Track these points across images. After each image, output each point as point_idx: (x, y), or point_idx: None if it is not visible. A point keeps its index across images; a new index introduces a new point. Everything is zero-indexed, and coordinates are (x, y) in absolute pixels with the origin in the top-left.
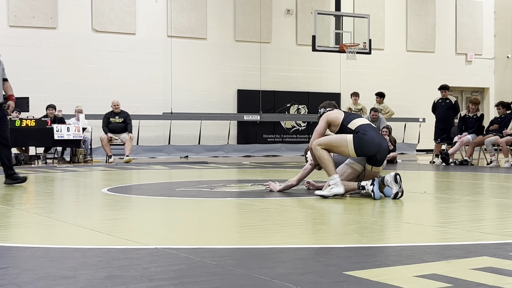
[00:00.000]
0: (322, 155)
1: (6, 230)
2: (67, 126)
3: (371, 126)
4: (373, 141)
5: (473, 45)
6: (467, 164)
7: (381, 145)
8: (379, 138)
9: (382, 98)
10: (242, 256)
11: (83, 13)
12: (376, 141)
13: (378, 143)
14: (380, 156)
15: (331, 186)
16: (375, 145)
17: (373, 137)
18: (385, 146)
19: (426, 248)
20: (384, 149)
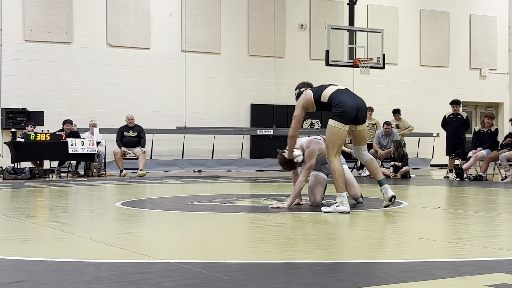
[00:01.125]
0: (334, 170)
1: (21, 243)
2: (81, 140)
3: (340, 92)
4: (350, 107)
5: (487, 60)
6: (481, 179)
7: (358, 105)
8: (353, 100)
9: (399, 114)
10: (255, 271)
11: (98, 28)
12: (352, 105)
13: (355, 105)
14: (361, 115)
15: (337, 203)
16: (353, 109)
17: (348, 103)
18: (362, 103)
19: (440, 264)
20: (362, 106)
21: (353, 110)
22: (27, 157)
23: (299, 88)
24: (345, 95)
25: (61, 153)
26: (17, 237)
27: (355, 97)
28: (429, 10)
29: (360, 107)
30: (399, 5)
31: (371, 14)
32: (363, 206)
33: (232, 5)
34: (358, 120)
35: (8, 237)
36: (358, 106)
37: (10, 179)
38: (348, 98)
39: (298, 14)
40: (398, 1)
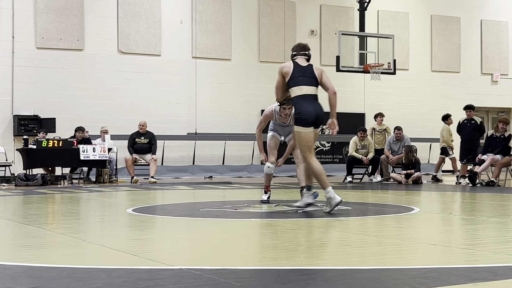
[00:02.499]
0: (314, 170)
1: (32, 250)
2: (92, 146)
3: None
4: (310, 114)
5: (498, 65)
6: (493, 185)
7: (317, 112)
8: (313, 108)
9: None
10: (266, 277)
11: (109, 35)
12: (312, 112)
13: (314, 113)
14: (319, 121)
15: (327, 199)
16: (313, 115)
17: (309, 111)
18: (320, 111)
19: (453, 270)
20: (320, 114)
21: (313, 116)
22: (39, 164)
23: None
24: (306, 103)
25: (73, 159)
26: (29, 243)
27: (315, 105)
28: (440, 16)
29: (318, 115)
30: (409, 10)
31: (381, 20)
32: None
33: (243, 12)
34: (316, 125)
35: (20, 243)
36: (317, 113)
37: (22, 185)
38: (309, 106)
39: (309, 20)
40: (408, 7)
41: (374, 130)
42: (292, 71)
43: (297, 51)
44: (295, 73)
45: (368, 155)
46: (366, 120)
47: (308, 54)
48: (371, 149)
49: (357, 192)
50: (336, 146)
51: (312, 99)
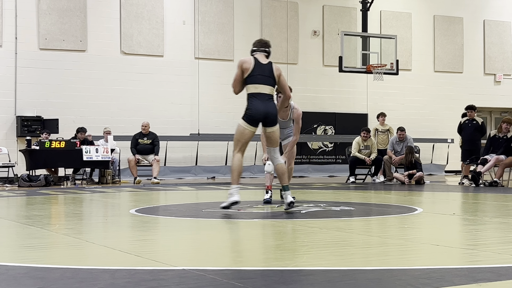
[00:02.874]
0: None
1: (36, 251)
2: (95, 147)
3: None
4: (258, 112)
5: (501, 65)
6: (496, 185)
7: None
8: (263, 106)
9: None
10: (269, 278)
11: (112, 36)
12: (261, 111)
13: (263, 111)
14: (270, 119)
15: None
16: (261, 114)
17: (258, 109)
18: (271, 110)
19: (456, 270)
20: (271, 112)
21: (261, 115)
22: (42, 165)
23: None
24: (258, 101)
25: (76, 160)
26: (32, 244)
27: (267, 105)
28: (443, 16)
29: (268, 113)
30: (412, 11)
31: (384, 20)
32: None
33: (245, 12)
34: (267, 123)
35: (23, 244)
36: (267, 113)
37: (25, 186)
38: (260, 104)
39: (311, 21)
40: (411, 7)
41: (377, 130)
42: (252, 68)
43: (258, 47)
44: (255, 71)
45: (371, 156)
46: (369, 121)
47: (268, 50)
48: (374, 150)
49: (360, 193)
50: (339, 147)
51: (265, 99)
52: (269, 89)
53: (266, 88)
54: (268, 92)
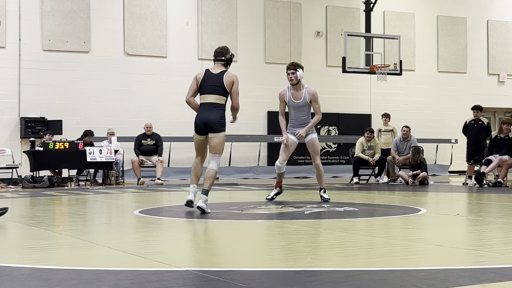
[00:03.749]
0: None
1: (39, 252)
2: (99, 148)
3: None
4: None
5: (505, 66)
6: (500, 185)
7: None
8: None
9: (388, 119)
10: (273, 279)
11: (115, 37)
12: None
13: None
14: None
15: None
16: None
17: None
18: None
19: (459, 271)
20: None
21: (200, 124)
22: (45, 166)
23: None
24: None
25: (80, 161)
26: (36, 245)
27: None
28: (446, 16)
29: (207, 121)
30: (416, 11)
31: (387, 21)
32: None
33: (248, 13)
34: (208, 130)
35: (27, 245)
36: (206, 121)
37: (29, 187)
38: (200, 114)
39: (315, 21)
40: (415, 7)
41: (380, 131)
42: (202, 79)
43: (214, 57)
44: (204, 82)
45: (375, 156)
46: (372, 121)
47: (223, 59)
48: (377, 150)
49: (363, 193)
50: (342, 147)
51: (209, 107)
52: (215, 98)
53: (211, 97)
54: (213, 101)
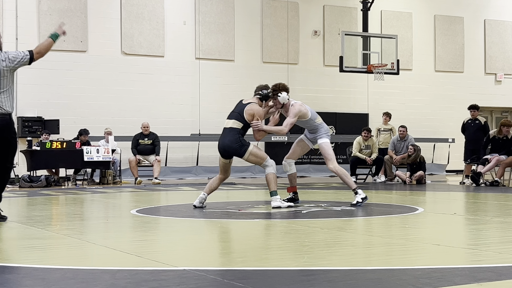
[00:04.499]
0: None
1: (36, 251)
2: (96, 148)
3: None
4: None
5: (502, 65)
6: (497, 185)
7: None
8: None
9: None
10: (270, 278)
11: (113, 36)
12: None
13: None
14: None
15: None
16: (219, 147)
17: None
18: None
19: (456, 270)
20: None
21: (220, 149)
22: (42, 165)
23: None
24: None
25: (77, 161)
26: (33, 245)
27: (223, 137)
28: (443, 15)
29: (223, 147)
30: (413, 10)
31: (385, 20)
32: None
33: (246, 12)
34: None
35: (24, 245)
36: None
37: (26, 187)
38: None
39: (312, 21)
40: (412, 7)
41: (379, 130)
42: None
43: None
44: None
45: (372, 155)
46: (369, 121)
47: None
48: (375, 150)
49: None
50: (339, 147)
51: (225, 132)
52: (231, 122)
53: (228, 122)
54: (229, 126)
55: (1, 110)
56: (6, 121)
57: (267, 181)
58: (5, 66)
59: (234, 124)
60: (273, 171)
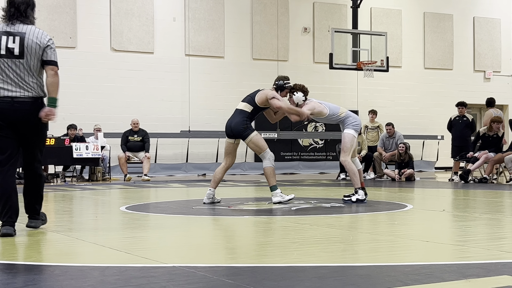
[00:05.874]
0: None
1: (25, 248)
2: (85, 144)
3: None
4: (226, 123)
5: (491, 62)
6: (486, 181)
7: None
8: (229, 120)
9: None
10: (259, 274)
11: (102, 33)
12: (227, 124)
13: (228, 124)
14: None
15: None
16: (227, 126)
17: (227, 122)
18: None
19: (445, 267)
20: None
21: (227, 128)
22: None
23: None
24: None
25: (66, 157)
26: (21, 241)
27: (231, 117)
28: (433, 13)
29: (232, 128)
30: (402, 7)
31: (374, 17)
32: (367, 209)
33: (236, 9)
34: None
35: (12, 241)
36: (230, 127)
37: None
38: (228, 119)
39: (302, 18)
40: (401, 4)
41: (367, 127)
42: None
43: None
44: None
45: (361, 152)
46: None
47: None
48: (364, 146)
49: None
50: (329, 143)
51: (235, 113)
52: (243, 105)
53: (241, 104)
54: (240, 108)
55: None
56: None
57: (265, 176)
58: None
59: (245, 107)
60: (270, 164)
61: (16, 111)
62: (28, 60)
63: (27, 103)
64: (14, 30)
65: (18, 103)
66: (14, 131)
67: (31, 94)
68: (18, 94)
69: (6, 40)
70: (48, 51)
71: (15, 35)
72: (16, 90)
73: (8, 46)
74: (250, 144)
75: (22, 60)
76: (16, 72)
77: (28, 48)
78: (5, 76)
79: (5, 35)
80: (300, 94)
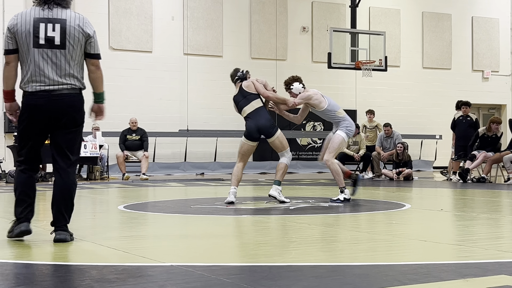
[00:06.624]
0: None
1: (23, 247)
2: (84, 143)
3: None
4: (251, 129)
5: (489, 62)
6: (484, 181)
7: (257, 127)
8: (254, 124)
9: (372, 115)
10: (257, 273)
11: (100, 32)
12: (252, 128)
13: (254, 127)
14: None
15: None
16: (253, 129)
17: (250, 126)
18: (261, 125)
19: (443, 266)
20: (261, 128)
21: (252, 129)
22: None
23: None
24: (251, 120)
25: None
26: (19, 240)
27: (258, 120)
28: (431, 12)
29: (260, 128)
30: (401, 7)
31: (373, 17)
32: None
33: (234, 8)
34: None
35: (10, 240)
36: (258, 128)
37: (13, 182)
38: (252, 123)
39: (300, 17)
40: (400, 4)
41: (365, 127)
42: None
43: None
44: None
45: (360, 152)
46: (357, 117)
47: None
48: (362, 146)
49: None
50: None
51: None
52: (255, 103)
53: (251, 105)
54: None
55: None
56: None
57: (278, 169)
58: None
59: (258, 103)
60: (287, 162)
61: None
62: (70, 50)
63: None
64: (53, 16)
65: (56, 96)
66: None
67: (72, 87)
68: (56, 87)
69: (44, 28)
70: (92, 43)
71: (55, 22)
72: (54, 84)
73: (48, 35)
74: (276, 141)
75: (63, 51)
76: (56, 64)
77: (71, 36)
78: (44, 68)
79: (44, 22)
80: (296, 84)
